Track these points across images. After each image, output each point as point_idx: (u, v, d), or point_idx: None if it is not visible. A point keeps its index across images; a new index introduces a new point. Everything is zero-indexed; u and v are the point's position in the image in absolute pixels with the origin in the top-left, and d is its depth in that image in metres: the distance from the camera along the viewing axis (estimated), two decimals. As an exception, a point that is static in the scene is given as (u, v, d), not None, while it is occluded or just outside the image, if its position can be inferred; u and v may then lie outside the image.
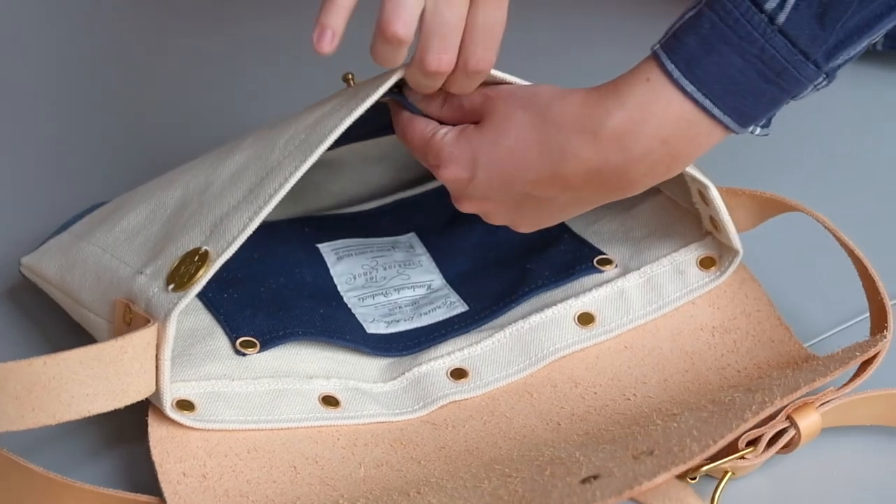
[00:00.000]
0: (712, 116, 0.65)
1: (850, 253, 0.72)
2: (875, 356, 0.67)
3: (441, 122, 0.69)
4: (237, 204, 0.66)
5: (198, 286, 0.64)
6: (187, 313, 0.72)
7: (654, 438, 0.64)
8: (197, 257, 0.65)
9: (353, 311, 0.75)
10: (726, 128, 0.65)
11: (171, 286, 0.65)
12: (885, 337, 0.68)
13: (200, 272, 0.64)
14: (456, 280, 0.77)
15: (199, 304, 0.73)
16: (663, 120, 0.64)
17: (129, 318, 0.66)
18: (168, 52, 0.96)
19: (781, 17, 0.63)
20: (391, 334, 0.74)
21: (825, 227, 0.73)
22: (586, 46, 0.95)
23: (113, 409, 0.63)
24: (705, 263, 0.75)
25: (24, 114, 0.91)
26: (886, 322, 0.69)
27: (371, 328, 0.74)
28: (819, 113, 0.85)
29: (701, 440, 0.61)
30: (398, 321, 0.75)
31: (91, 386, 0.62)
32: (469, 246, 0.78)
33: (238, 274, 0.74)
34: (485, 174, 0.67)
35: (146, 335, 0.63)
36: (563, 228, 0.77)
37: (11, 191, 0.85)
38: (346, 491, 0.66)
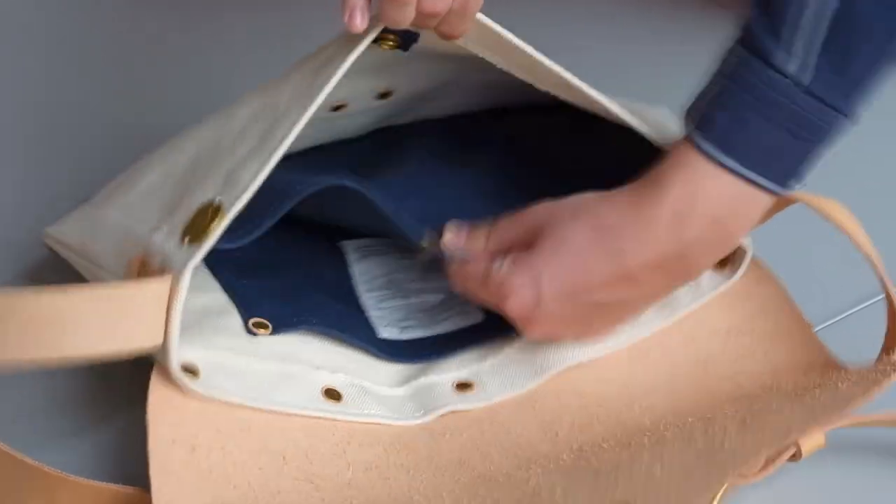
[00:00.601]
0: (757, 185, 0.66)
1: (863, 252, 0.70)
2: None
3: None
4: (248, 154, 0.66)
5: (213, 237, 0.64)
6: (204, 291, 0.72)
7: (634, 485, 0.62)
8: (211, 210, 0.65)
9: (369, 312, 0.75)
10: (772, 192, 0.67)
11: (186, 239, 0.64)
12: (888, 374, 0.65)
13: (214, 223, 0.64)
14: None
15: (216, 285, 0.72)
16: (710, 200, 0.66)
17: (144, 274, 0.65)
18: (169, 49, 0.97)
19: (806, 78, 0.64)
20: (403, 341, 0.74)
21: (838, 227, 0.70)
22: (586, 43, 0.96)
23: (117, 352, 0.61)
24: (718, 264, 0.73)
25: (33, 104, 0.93)
26: None
27: (384, 332, 0.74)
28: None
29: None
30: (412, 327, 0.74)
31: (98, 325, 0.61)
32: None
33: (257, 262, 0.74)
34: (551, 291, 0.67)
35: (160, 284, 0.63)
36: None
37: (34, 169, 0.87)
38: (329, 494, 0.65)
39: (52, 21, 1.00)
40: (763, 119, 0.64)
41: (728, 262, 0.73)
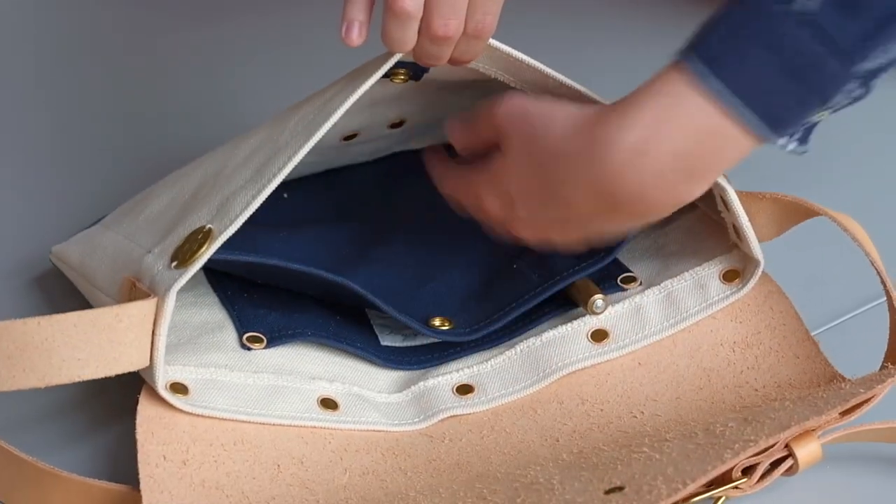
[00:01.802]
0: (740, 120, 0.61)
1: (875, 267, 0.69)
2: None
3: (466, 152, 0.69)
4: (244, 184, 0.66)
5: (199, 262, 0.64)
6: (202, 307, 0.72)
7: (632, 470, 0.61)
8: (201, 235, 0.65)
9: (373, 321, 0.74)
10: (753, 134, 0.62)
11: (174, 263, 0.64)
12: (892, 374, 0.65)
13: (203, 249, 0.64)
14: None
15: (216, 300, 0.73)
16: (681, 131, 0.62)
17: (134, 294, 0.65)
18: (171, 49, 0.97)
19: (807, 5, 0.60)
20: (406, 348, 0.73)
21: (853, 240, 0.69)
22: (586, 45, 0.96)
23: (103, 376, 0.62)
24: (728, 276, 0.72)
25: (34, 114, 0.94)
26: None
27: (386, 340, 0.73)
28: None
29: (672, 481, 0.59)
30: (416, 335, 0.74)
31: (84, 350, 0.61)
32: None
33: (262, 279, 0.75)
34: (520, 200, 0.66)
35: (144, 307, 0.63)
36: None
37: (41, 185, 0.87)
38: (324, 496, 0.65)
39: (70, 38, 1.01)
40: (757, 43, 0.60)
41: (738, 274, 0.72)
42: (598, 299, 0.72)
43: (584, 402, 0.70)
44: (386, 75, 0.67)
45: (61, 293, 0.76)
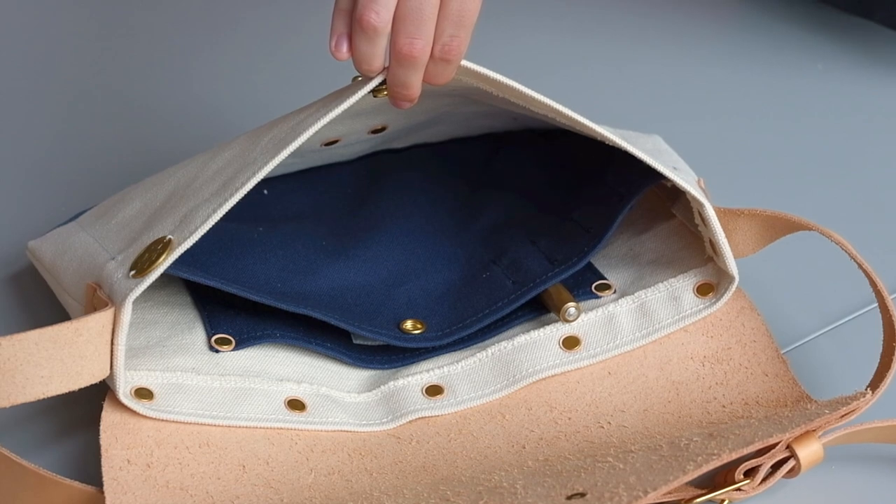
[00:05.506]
0: None
1: (867, 276, 0.69)
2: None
3: None
4: (209, 197, 0.66)
5: (156, 273, 0.64)
6: (174, 306, 0.72)
7: (595, 478, 0.61)
8: (160, 245, 0.64)
9: None
10: None
11: (132, 272, 0.64)
12: (858, 399, 0.65)
13: (161, 259, 0.64)
14: None
15: (188, 300, 0.72)
16: None
17: (95, 302, 0.65)
18: (157, 45, 0.97)
19: None
20: (377, 346, 0.73)
21: (843, 249, 0.69)
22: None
23: (67, 391, 0.62)
24: (702, 290, 0.72)
25: (31, 108, 0.93)
26: (888, 371, 0.66)
27: (359, 339, 0.73)
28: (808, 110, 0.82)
29: (634, 489, 0.59)
30: None
31: (46, 368, 0.61)
32: None
33: None
34: None
35: (102, 318, 0.63)
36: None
37: (22, 179, 0.86)
38: (288, 496, 0.65)
39: (52, 34, 1.00)
40: None
41: (713, 288, 0.72)
42: (571, 307, 0.72)
43: (553, 409, 0.70)
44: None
45: (37, 291, 0.76)
